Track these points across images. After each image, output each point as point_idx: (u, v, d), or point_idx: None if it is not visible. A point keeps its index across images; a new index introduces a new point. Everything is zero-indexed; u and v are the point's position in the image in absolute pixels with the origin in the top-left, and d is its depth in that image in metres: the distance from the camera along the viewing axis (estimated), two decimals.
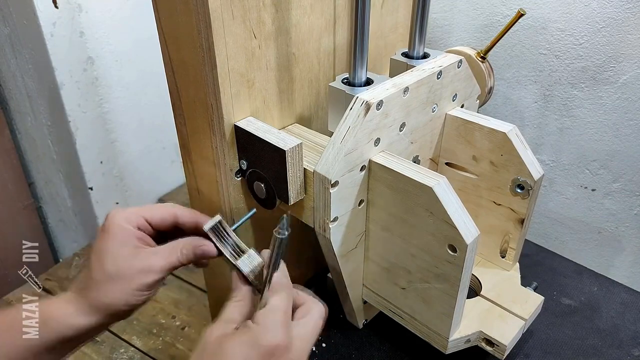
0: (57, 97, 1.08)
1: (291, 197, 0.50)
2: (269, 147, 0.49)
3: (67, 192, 1.23)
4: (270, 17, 0.51)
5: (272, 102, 0.55)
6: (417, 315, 0.56)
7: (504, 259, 0.63)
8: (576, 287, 0.71)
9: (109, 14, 1.09)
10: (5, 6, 1.01)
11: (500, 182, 0.59)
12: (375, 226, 0.55)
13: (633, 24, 0.69)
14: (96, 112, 1.16)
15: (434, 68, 0.54)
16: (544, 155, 0.84)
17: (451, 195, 0.47)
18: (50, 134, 1.16)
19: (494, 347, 0.56)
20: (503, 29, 0.62)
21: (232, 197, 0.55)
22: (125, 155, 1.26)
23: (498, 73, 0.80)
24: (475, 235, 0.47)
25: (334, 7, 0.58)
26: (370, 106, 0.48)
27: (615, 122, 0.76)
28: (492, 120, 0.57)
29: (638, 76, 0.72)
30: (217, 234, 0.46)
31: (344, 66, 0.63)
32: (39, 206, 1.27)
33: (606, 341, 0.63)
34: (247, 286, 0.44)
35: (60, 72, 1.05)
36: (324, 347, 0.62)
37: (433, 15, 0.85)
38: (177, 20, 0.48)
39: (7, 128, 1.15)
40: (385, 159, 0.51)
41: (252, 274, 0.44)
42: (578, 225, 0.87)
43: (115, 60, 1.14)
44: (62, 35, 1.02)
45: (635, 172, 0.78)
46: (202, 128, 0.53)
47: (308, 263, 0.71)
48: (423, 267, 0.52)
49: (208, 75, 0.48)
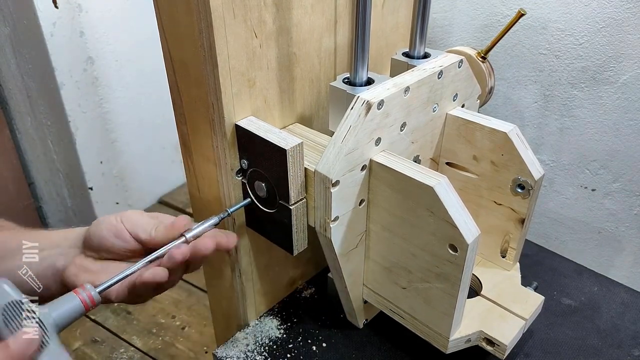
0: (57, 97, 1.08)
1: (292, 196, 0.50)
2: (270, 147, 0.49)
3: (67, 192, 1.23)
4: (272, 16, 0.51)
5: (273, 102, 0.55)
6: (418, 315, 0.56)
7: (504, 258, 0.63)
8: (576, 287, 0.71)
9: (109, 14, 1.09)
10: (5, 6, 1.01)
11: (500, 182, 0.59)
12: (376, 226, 0.55)
13: (633, 24, 0.69)
14: (96, 112, 1.16)
15: (435, 68, 0.54)
16: (544, 155, 0.85)
17: (452, 195, 0.47)
18: (50, 134, 1.16)
19: (494, 347, 0.56)
20: (503, 29, 0.62)
21: (232, 196, 0.55)
22: (125, 155, 1.26)
23: (498, 73, 0.80)
24: (476, 235, 0.47)
25: (335, 6, 0.58)
26: (371, 106, 0.48)
27: (615, 122, 0.76)
28: (493, 120, 0.57)
29: (638, 76, 0.72)
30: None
31: (345, 66, 0.63)
32: (39, 206, 1.27)
33: (606, 341, 0.63)
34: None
35: (60, 72, 1.05)
36: (325, 346, 0.62)
37: (433, 15, 0.85)
38: (178, 19, 0.48)
39: (7, 128, 1.15)
40: (386, 159, 0.51)
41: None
42: (578, 225, 0.87)
43: (115, 60, 1.14)
44: (62, 35, 1.02)
45: (635, 172, 0.78)
46: (202, 127, 0.53)
47: (308, 263, 0.71)
48: (424, 267, 0.52)
49: (209, 74, 0.48)
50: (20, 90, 1.11)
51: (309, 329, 0.65)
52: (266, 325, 0.66)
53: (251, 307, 0.65)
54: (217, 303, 0.70)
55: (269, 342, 0.63)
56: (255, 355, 0.61)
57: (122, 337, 0.79)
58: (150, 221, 0.49)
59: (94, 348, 0.77)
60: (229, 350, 0.62)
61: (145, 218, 0.50)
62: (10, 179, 1.18)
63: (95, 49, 1.07)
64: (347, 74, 0.57)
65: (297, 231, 0.53)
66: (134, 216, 0.49)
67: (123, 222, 0.49)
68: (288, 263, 0.68)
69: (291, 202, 0.51)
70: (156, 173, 1.38)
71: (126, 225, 0.48)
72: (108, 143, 1.20)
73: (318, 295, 0.70)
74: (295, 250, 0.54)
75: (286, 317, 0.67)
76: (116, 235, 0.48)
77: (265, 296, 0.67)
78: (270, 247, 0.57)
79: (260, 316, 0.67)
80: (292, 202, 0.51)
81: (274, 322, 0.66)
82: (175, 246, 0.47)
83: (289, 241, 0.54)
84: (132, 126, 1.24)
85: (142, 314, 0.82)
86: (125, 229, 0.48)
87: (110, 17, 1.08)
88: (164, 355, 0.76)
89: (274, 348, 0.62)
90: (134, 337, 0.79)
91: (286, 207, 0.51)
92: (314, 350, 0.62)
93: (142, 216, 0.50)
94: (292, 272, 0.70)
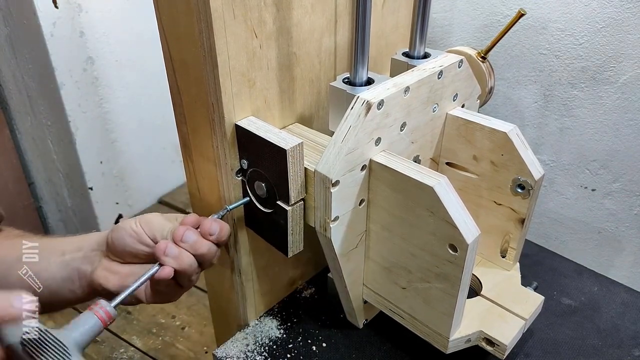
0: (57, 97, 1.08)
1: (292, 196, 0.50)
2: (270, 147, 0.49)
3: (67, 192, 1.23)
4: (272, 16, 0.51)
5: (273, 102, 0.55)
6: (418, 315, 0.56)
7: (504, 258, 0.63)
8: (576, 287, 0.71)
9: (109, 14, 1.09)
10: (5, 6, 1.01)
11: (500, 181, 0.59)
12: (375, 226, 0.55)
13: (633, 24, 0.69)
14: (96, 112, 1.16)
15: (435, 68, 0.54)
16: (544, 155, 0.85)
17: (452, 195, 0.47)
18: (50, 134, 1.16)
19: (494, 347, 0.56)
20: (503, 29, 0.62)
21: (232, 196, 0.55)
22: (125, 155, 1.26)
23: (498, 73, 0.80)
24: (476, 235, 0.47)
25: (335, 6, 0.58)
26: (371, 106, 0.48)
27: (615, 122, 0.76)
28: (493, 120, 0.57)
29: (638, 76, 0.72)
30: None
31: (345, 66, 0.63)
32: (39, 206, 1.27)
33: (606, 341, 0.63)
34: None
35: (60, 72, 1.05)
36: (325, 346, 0.62)
37: (433, 15, 0.85)
38: (178, 19, 0.48)
39: (7, 128, 1.15)
40: (386, 159, 0.51)
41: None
42: (578, 225, 0.87)
43: (115, 60, 1.14)
44: (62, 35, 1.02)
45: (635, 172, 0.78)
46: (202, 127, 0.53)
47: (308, 263, 0.71)
48: (423, 267, 0.52)
49: (209, 74, 0.48)
50: (20, 90, 1.11)
51: (309, 329, 0.65)
52: (266, 325, 0.66)
53: (251, 307, 0.65)
54: (217, 303, 0.70)
55: (269, 342, 0.63)
56: (255, 355, 0.62)
57: (122, 337, 0.79)
58: (166, 224, 0.51)
59: (94, 348, 0.78)
60: (229, 350, 0.62)
61: (162, 220, 0.51)
62: (10, 179, 1.18)
63: (95, 49, 1.07)
64: (347, 74, 0.57)
65: (292, 233, 0.53)
66: (152, 219, 0.51)
67: (142, 227, 0.50)
68: (288, 263, 0.68)
69: (291, 202, 0.51)
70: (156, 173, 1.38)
71: (145, 230, 0.50)
72: (108, 143, 1.20)
73: (318, 295, 0.70)
74: (290, 252, 0.54)
75: (286, 317, 0.67)
76: (139, 241, 0.50)
77: (265, 296, 0.67)
78: (270, 247, 0.57)
79: (260, 316, 0.67)
80: (292, 202, 0.51)
81: (274, 322, 0.66)
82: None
83: (284, 242, 0.54)
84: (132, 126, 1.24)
85: (142, 314, 0.82)
86: (145, 234, 0.50)
87: (110, 17, 1.08)
88: (164, 355, 0.76)
89: (274, 348, 0.62)
90: (134, 337, 0.79)
91: (283, 208, 0.51)
92: (314, 350, 0.62)
93: (158, 219, 0.52)
94: (292, 272, 0.70)
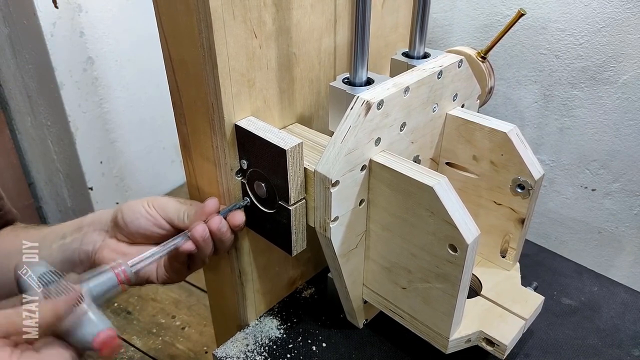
0: (57, 97, 1.08)
1: (292, 196, 0.50)
2: (269, 147, 0.49)
3: (67, 192, 1.24)
4: (271, 16, 0.51)
5: (272, 102, 0.55)
6: (418, 315, 0.56)
7: (504, 258, 0.63)
8: (576, 287, 0.71)
9: (109, 14, 1.09)
10: (5, 6, 1.01)
11: (500, 181, 0.59)
12: (375, 226, 0.55)
13: (633, 24, 0.69)
14: (96, 112, 1.16)
15: (435, 68, 0.54)
16: (544, 155, 0.85)
17: (452, 195, 0.47)
18: (50, 134, 1.16)
19: (494, 347, 0.56)
20: (503, 29, 0.62)
21: (232, 196, 0.55)
22: (125, 155, 1.26)
23: (498, 73, 0.80)
24: (476, 235, 0.47)
25: (335, 6, 0.58)
26: (370, 106, 0.48)
27: (615, 122, 0.76)
28: (493, 120, 0.57)
29: (638, 76, 0.72)
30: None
31: (345, 66, 0.63)
32: (39, 206, 1.27)
33: (606, 341, 0.63)
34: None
35: (60, 72, 1.05)
36: (325, 346, 0.62)
37: (433, 15, 0.85)
38: (178, 20, 0.48)
39: (7, 128, 1.15)
40: (385, 159, 0.51)
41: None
42: (578, 225, 0.87)
43: (115, 60, 1.14)
44: (62, 35, 1.02)
45: (635, 172, 0.78)
46: (202, 127, 0.53)
47: (308, 263, 0.71)
48: (423, 267, 0.52)
49: (209, 74, 0.48)
50: (20, 90, 1.11)
51: (309, 329, 0.65)
52: (266, 325, 0.66)
53: (251, 307, 0.65)
54: (217, 303, 0.70)
55: (269, 342, 0.63)
56: (255, 355, 0.62)
57: (122, 337, 0.79)
58: (181, 207, 0.52)
59: None
60: (229, 350, 0.62)
61: (177, 205, 0.52)
62: (10, 179, 1.18)
63: (95, 49, 1.07)
64: (346, 74, 0.57)
65: (296, 232, 0.53)
66: (167, 204, 0.52)
67: (157, 211, 0.51)
68: (288, 263, 0.68)
69: (291, 203, 0.51)
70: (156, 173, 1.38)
71: (161, 214, 0.51)
72: (108, 143, 1.20)
73: (318, 295, 0.70)
74: (294, 251, 0.54)
75: (286, 317, 0.67)
76: (155, 224, 0.51)
77: (265, 296, 0.67)
78: (270, 247, 0.57)
79: (260, 316, 0.67)
80: (292, 202, 0.51)
81: (273, 322, 0.66)
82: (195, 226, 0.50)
83: (287, 242, 0.54)
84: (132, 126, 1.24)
85: (142, 314, 0.82)
86: (162, 218, 0.51)
87: (110, 17, 1.08)
88: (164, 355, 0.76)
89: (274, 348, 0.62)
90: (134, 337, 0.79)
91: (285, 207, 0.51)
92: (314, 350, 0.62)
93: (173, 203, 0.52)
94: (292, 272, 0.70)
